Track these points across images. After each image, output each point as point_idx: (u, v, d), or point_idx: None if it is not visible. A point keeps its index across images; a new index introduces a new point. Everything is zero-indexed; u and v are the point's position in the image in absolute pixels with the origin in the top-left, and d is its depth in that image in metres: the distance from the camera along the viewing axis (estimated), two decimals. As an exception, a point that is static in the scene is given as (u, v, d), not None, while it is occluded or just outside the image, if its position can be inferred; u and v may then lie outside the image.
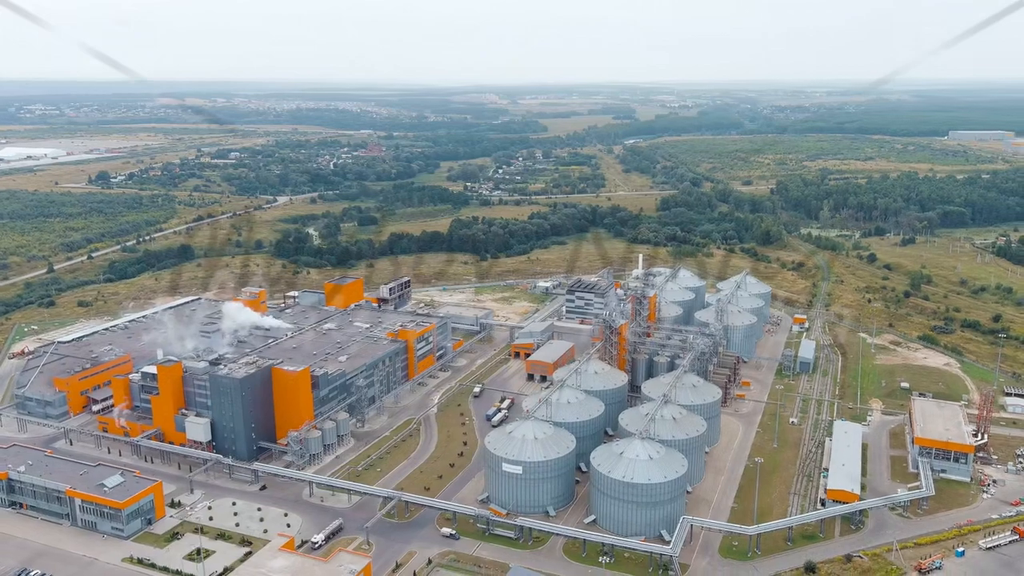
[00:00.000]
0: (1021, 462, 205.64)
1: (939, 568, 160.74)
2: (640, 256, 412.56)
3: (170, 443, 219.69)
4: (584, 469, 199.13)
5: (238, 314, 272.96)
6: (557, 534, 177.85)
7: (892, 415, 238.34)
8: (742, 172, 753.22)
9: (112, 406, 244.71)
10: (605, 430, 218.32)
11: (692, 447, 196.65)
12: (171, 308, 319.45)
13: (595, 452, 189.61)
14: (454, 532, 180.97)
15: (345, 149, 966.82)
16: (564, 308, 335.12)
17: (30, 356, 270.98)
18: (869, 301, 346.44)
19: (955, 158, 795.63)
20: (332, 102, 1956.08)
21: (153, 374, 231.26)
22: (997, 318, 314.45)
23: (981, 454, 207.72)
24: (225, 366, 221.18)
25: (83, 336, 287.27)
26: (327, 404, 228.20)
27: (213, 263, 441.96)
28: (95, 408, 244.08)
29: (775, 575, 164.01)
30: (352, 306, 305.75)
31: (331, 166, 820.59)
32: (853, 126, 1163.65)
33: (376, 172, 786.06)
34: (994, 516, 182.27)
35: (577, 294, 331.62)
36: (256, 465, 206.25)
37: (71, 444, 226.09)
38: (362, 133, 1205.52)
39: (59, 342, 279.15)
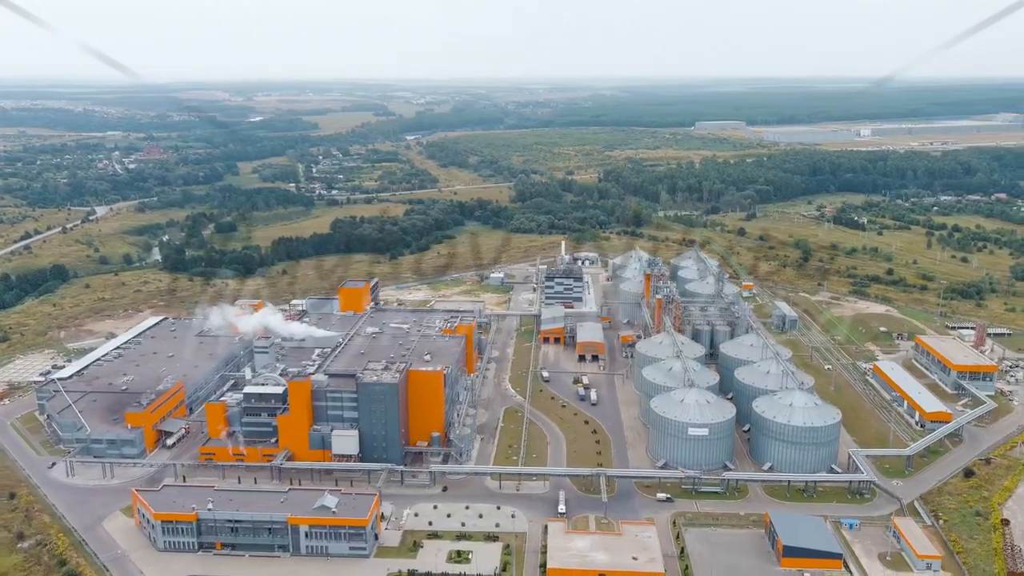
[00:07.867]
0: (1013, 376, 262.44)
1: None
2: (563, 243, 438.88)
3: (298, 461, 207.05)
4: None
5: (286, 326, 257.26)
6: (762, 482, 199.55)
7: (891, 353, 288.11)
8: (558, 163, 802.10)
9: (184, 437, 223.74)
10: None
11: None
12: (148, 330, 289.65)
13: (758, 404, 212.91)
14: (669, 496, 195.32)
15: (116, 153, 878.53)
16: (543, 295, 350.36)
17: (43, 397, 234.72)
18: (784, 266, 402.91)
19: (723, 145, 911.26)
20: (37, 100, 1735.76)
21: (259, 394, 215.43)
22: (890, 272, 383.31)
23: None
24: (363, 373, 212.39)
25: (82, 369, 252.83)
26: (446, 403, 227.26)
27: (103, 283, 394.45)
28: (169, 442, 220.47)
29: (943, 481, 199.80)
30: (368, 308, 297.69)
31: (124, 171, 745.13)
32: (608, 119, 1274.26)
33: (181, 176, 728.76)
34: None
35: (556, 280, 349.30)
36: (434, 467, 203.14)
37: (184, 480, 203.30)
38: (115, 135, 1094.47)
39: (58, 379, 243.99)
